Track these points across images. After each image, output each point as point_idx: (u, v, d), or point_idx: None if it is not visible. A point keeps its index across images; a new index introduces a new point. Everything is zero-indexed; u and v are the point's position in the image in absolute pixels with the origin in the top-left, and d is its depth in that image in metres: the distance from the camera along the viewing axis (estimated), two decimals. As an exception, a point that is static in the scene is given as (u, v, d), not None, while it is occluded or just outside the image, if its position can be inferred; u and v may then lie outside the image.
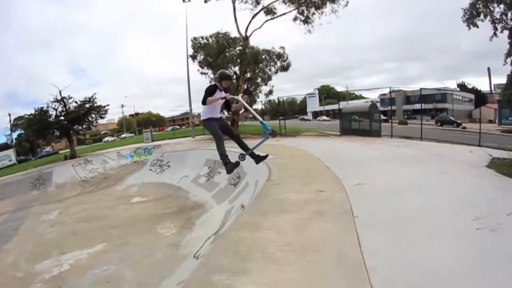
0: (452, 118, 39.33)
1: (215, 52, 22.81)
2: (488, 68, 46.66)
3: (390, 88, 15.01)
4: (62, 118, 25.36)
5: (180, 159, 15.96)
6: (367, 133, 14.33)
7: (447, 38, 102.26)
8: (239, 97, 5.24)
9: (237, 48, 23.36)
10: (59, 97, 25.14)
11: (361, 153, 9.73)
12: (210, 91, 4.93)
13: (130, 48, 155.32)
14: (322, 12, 21.17)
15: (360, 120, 14.99)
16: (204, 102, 4.88)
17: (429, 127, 26.60)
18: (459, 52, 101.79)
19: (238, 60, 23.00)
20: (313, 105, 72.27)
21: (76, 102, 25.85)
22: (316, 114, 66.13)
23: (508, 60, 8.01)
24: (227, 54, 23.24)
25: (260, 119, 5.05)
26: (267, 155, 5.74)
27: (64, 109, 25.59)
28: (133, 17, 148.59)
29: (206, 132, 33.89)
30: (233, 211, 7.71)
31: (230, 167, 5.13)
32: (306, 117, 65.96)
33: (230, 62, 23.35)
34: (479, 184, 5.99)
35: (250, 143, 5.79)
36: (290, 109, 76.38)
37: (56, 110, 25.55)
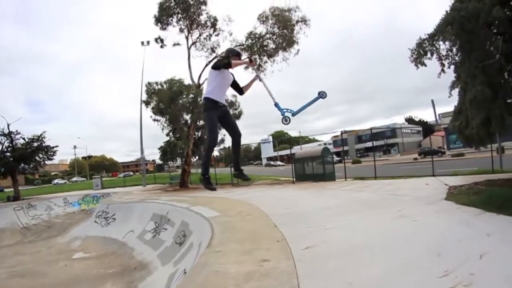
0: (436, 148, 39.88)
1: (167, 99, 22.23)
2: (432, 100, 51.27)
3: (341, 131, 15.18)
4: (8, 154, 23.39)
5: (126, 211, 14.98)
6: (321, 177, 14.15)
7: (391, 78, 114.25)
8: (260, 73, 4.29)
9: (190, 96, 22.92)
10: (6, 131, 23.24)
11: (314, 203, 9.01)
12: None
13: (89, 86, 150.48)
14: (274, 60, 21.64)
15: (313, 164, 14.90)
16: (225, 65, 3.69)
17: (382, 163, 27.55)
18: (403, 90, 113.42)
19: (191, 108, 22.42)
20: (268, 150, 73.37)
21: (24, 138, 24.00)
22: (270, 159, 67.00)
23: (453, 92, 8.48)
24: (180, 101, 22.77)
25: (276, 100, 4.30)
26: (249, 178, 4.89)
27: (10, 144, 23.57)
28: (97, 54, 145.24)
29: (158, 180, 33.45)
30: (176, 276, 6.95)
31: (207, 184, 4.11)
32: (272, 163, 65.52)
33: (182, 110, 22.72)
34: (442, 225, 5.53)
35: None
36: (245, 156, 76.92)
37: (2, 144, 23.53)
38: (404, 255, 4.32)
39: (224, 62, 3.68)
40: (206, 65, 22.38)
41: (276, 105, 4.29)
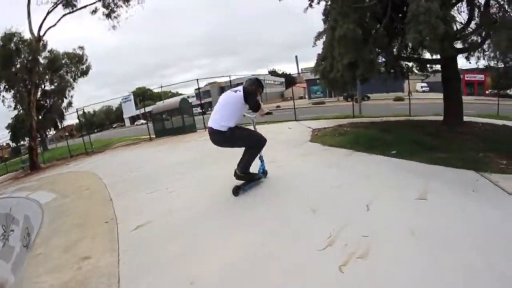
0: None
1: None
2: (296, 56, 55.68)
3: (197, 80, 13.58)
4: None
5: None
6: (180, 130, 12.81)
7: (257, 33, 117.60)
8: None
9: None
10: None
11: (165, 160, 7.45)
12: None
13: None
14: (129, 4, 17.19)
15: (172, 118, 13.36)
16: (257, 109, 3.78)
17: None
18: (268, 44, 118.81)
19: (29, 67, 16.33)
20: (130, 109, 65.06)
21: None
22: (133, 119, 60.66)
23: (318, 42, 8.22)
24: (17, 61, 16.50)
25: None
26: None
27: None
28: None
29: (11, 168, 24.96)
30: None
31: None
32: (137, 123, 57.97)
33: (21, 72, 16.35)
34: (314, 171, 4.89)
35: None
36: (107, 118, 67.51)
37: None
38: (270, 225, 3.21)
39: (257, 106, 3.77)
40: (51, 10, 15.93)
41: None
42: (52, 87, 20.38)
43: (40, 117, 18.86)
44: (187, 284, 2.38)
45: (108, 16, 17.66)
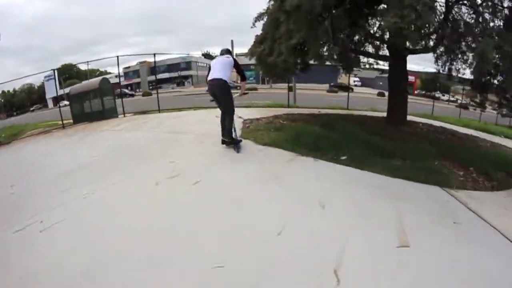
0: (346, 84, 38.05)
1: None
2: (232, 40, 53.34)
3: (117, 57, 10.68)
4: None
5: None
6: (99, 116, 10.12)
7: (194, 14, 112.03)
8: None
9: None
10: None
11: (62, 162, 4.67)
12: None
13: None
14: None
15: (91, 101, 10.54)
16: (245, 78, 4.93)
17: (174, 95, 25.26)
18: (203, 27, 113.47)
19: None
20: (53, 89, 54.89)
21: None
22: (56, 100, 51.13)
23: (258, 24, 6.87)
24: None
25: None
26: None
27: None
28: None
29: None
30: None
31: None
32: (60, 104, 48.03)
33: None
34: (241, 187, 3.35)
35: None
36: (29, 99, 56.02)
37: None
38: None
39: (243, 76, 4.81)
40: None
41: None
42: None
43: None
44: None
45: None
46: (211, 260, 2.06)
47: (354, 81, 35.95)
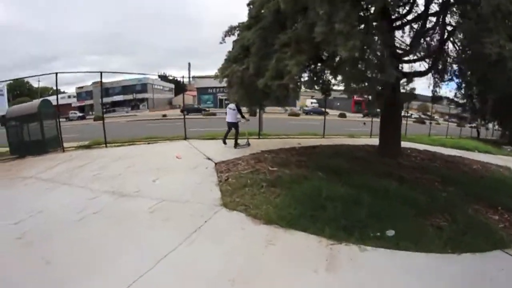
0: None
1: None
2: (189, 63, 52.13)
3: (55, 73, 8.29)
4: None
5: None
6: (39, 147, 7.63)
7: (152, 36, 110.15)
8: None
9: None
10: None
11: None
12: None
13: None
14: None
15: (29, 127, 7.97)
16: (243, 117, 7.68)
17: (128, 119, 22.97)
18: (161, 49, 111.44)
19: None
20: (1, 106, 47.30)
21: None
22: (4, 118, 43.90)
23: (226, 39, 6.00)
24: None
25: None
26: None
27: None
28: None
29: None
30: None
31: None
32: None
33: None
34: None
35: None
36: None
37: None
38: None
39: (243, 116, 7.74)
40: None
41: None
42: None
43: None
44: None
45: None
46: None
47: (312, 103, 35.78)
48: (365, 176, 4.56)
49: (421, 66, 6.42)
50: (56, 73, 8.49)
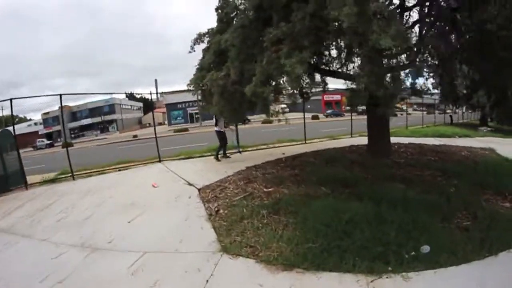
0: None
1: None
2: (156, 80, 50.87)
3: (10, 99, 7.04)
4: None
5: None
6: (1, 184, 6.49)
7: (119, 54, 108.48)
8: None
9: None
10: None
11: None
12: None
13: None
14: None
15: None
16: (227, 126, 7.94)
17: (99, 143, 21.37)
18: (128, 67, 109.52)
19: None
20: None
21: None
22: None
23: (196, 47, 5.60)
24: None
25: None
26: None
27: None
28: None
29: None
30: None
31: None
32: None
33: None
34: None
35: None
36: None
37: None
38: None
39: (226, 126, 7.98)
40: None
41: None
42: None
43: None
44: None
45: None
46: None
47: (282, 108, 35.89)
48: (370, 183, 4.11)
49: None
50: (11, 99, 7.36)
